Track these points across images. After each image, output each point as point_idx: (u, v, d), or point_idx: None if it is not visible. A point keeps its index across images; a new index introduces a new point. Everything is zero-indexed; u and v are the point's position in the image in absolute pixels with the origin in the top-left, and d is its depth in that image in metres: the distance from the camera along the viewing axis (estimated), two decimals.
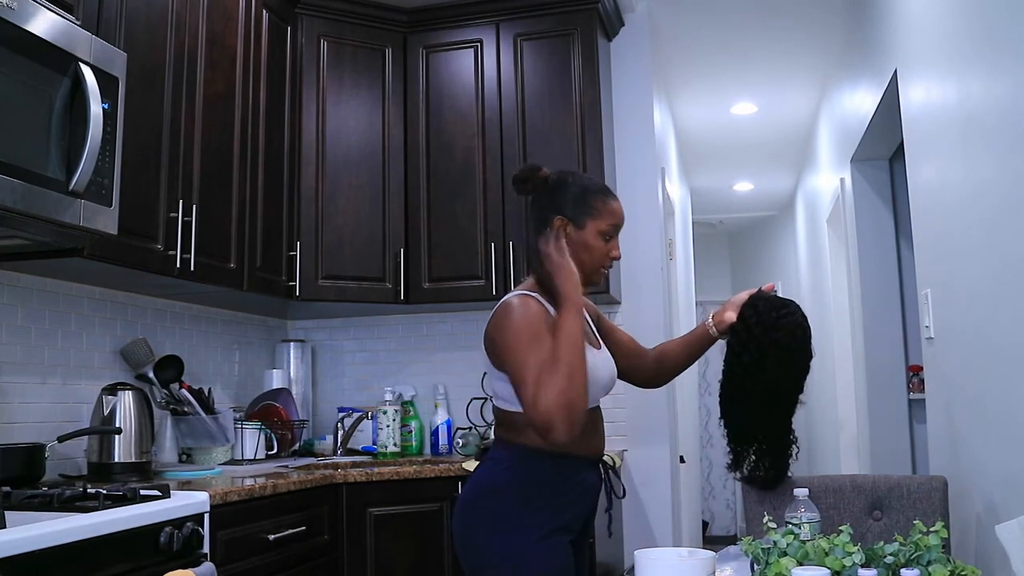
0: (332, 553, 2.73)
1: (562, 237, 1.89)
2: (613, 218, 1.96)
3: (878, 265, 4.10)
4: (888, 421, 4.02)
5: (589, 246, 1.94)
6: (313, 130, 3.33)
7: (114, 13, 2.32)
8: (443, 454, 3.53)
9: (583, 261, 1.93)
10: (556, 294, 1.84)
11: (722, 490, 7.84)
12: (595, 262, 1.95)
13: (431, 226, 3.44)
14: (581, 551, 2.01)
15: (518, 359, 1.76)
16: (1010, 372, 1.97)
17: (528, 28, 3.46)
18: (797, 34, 4.20)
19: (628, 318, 3.60)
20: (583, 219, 1.93)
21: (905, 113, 2.92)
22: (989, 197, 2.06)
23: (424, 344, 3.77)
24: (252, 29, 3.02)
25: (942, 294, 2.55)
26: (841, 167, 4.44)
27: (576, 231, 1.93)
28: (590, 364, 1.83)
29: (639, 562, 1.54)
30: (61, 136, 1.98)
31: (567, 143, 3.35)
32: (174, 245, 2.54)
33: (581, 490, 1.93)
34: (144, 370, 2.83)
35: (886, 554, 1.53)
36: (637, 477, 3.52)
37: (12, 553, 1.51)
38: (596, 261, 1.95)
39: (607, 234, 1.95)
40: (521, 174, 2.00)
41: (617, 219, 1.97)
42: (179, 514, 1.97)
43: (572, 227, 1.93)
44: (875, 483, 2.27)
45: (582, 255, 1.93)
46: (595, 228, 1.94)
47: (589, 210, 1.94)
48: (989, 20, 2.01)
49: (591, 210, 1.94)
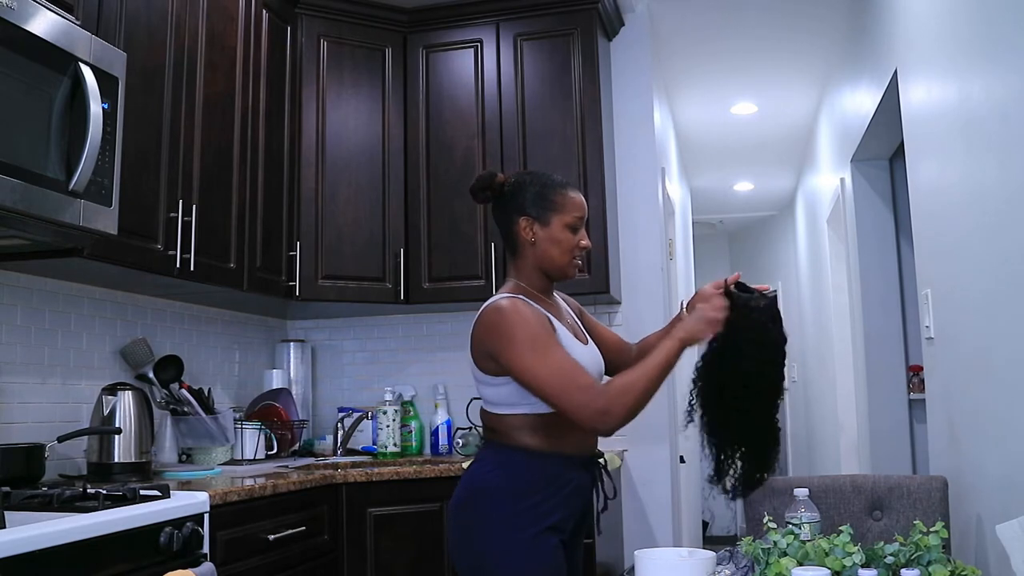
0: (332, 553, 2.73)
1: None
2: (576, 209, 1.98)
3: (878, 265, 4.10)
4: (888, 421, 4.02)
5: (557, 240, 1.97)
6: (313, 130, 3.33)
7: (114, 13, 2.32)
8: (443, 454, 3.53)
9: (554, 257, 1.97)
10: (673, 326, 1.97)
11: None
12: (566, 255, 1.98)
13: (431, 226, 3.44)
14: (574, 552, 2.00)
15: (538, 364, 1.79)
16: (1010, 372, 1.97)
17: (528, 28, 3.46)
18: (797, 34, 4.20)
19: (628, 318, 3.60)
20: (547, 215, 1.96)
21: (905, 113, 2.92)
22: (989, 197, 2.06)
23: (424, 344, 3.77)
24: (252, 29, 3.02)
25: (942, 294, 2.55)
26: (841, 167, 4.44)
27: (542, 228, 1.97)
28: (581, 359, 1.89)
29: (639, 562, 1.54)
30: (61, 136, 1.98)
31: (567, 143, 3.35)
32: (174, 245, 2.54)
33: (572, 490, 1.92)
34: (144, 370, 2.83)
35: (886, 554, 1.53)
36: (637, 477, 3.52)
37: (12, 553, 1.51)
38: (567, 254, 1.98)
39: (573, 226, 1.98)
40: (478, 184, 2.02)
41: (580, 210, 1.99)
42: (179, 514, 1.97)
43: (537, 225, 1.97)
44: (875, 483, 2.27)
45: (552, 251, 1.97)
46: (560, 222, 1.97)
47: (551, 205, 1.97)
48: (989, 20, 2.01)
49: (553, 205, 1.97)
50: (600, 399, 1.77)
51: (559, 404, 1.80)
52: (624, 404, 1.76)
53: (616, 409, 1.76)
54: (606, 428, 1.79)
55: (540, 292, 2.00)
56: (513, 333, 1.82)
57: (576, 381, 1.78)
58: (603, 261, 3.29)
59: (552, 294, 2.06)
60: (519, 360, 1.81)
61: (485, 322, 1.88)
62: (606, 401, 1.76)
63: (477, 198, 2.04)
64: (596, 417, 1.77)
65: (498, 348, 1.85)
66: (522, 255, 2.00)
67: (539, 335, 1.82)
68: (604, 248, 3.30)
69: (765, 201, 7.53)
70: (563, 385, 1.78)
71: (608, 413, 1.76)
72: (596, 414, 1.77)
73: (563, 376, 1.78)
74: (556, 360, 1.80)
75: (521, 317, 1.84)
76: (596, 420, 1.78)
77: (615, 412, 1.76)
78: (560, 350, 1.83)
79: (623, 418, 1.78)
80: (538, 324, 1.84)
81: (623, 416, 1.77)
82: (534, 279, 2.00)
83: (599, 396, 1.77)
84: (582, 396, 1.77)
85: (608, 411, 1.76)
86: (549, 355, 1.80)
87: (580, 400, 1.77)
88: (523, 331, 1.82)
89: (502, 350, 1.84)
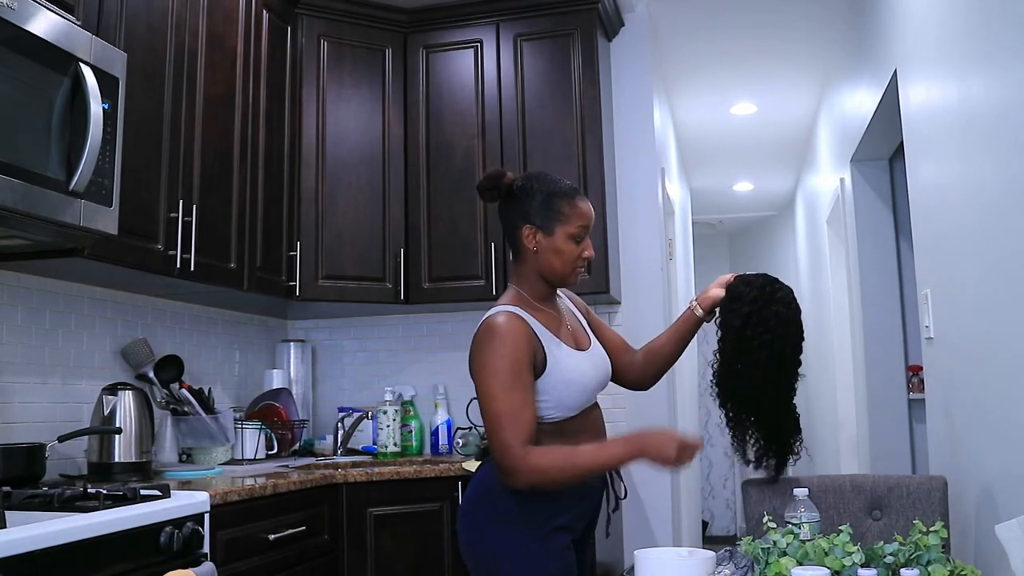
0: (332, 553, 2.73)
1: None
2: (581, 219, 1.96)
3: (878, 265, 4.09)
4: (888, 421, 4.02)
5: (560, 251, 1.95)
6: (313, 130, 3.33)
7: (114, 13, 2.32)
8: (443, 454, 3.53)
9: (555, 267, 1.96)
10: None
11: (722, 490, 7.84)
12: (568, 266, 1.97)
13: (431, 226, 3.44)
14: (584, 552, 2.01)
15: (491, 395, 1.82)
16: (1010, 372, 1.97)
17: (528, 28, 3.46)
18: (797, 34, 4.20)
19: (628, 318, 3.60)
20: (551, 225, 1.94)
21: (905, 113, 2.92)
22: (989, 197, 2.06)
23: (424, 344, 3.77)
24: (252, 29, 3.02)
25: (942, 294, 2.55)
26: (841, 167, 4.44)
27: (545, 238, 1.95)
28: (577, 370, 1.93)
29: (639, 562, 1.54)
30: (61, 136, 1.98)
31: (567, 143, 3.35)
32: (174, 245, 2.54)
33: (583, 491, 1.93)
34: (144, 370, 2.83)
35: (886, 554, 1.54)
36: (637, 477, 3.52)
37: (12, 553, 1.51)
38: (569, 264, 1.97)
39: (577, 236, 1.96)
40: (485, 182, 2.00)
41: (586, 220, 1.97)
42: (179, 514, 1.98)
43: (541, 235, 1.95)
44: (875, 483, 2.27)
45: (554, 261, 1.95)
46: (564, 232, 1.94)
47: (556, 215, 1.94)
48: (989, 20, 2.01)
49: (558, 215, 1.94)
50: (516, 460, 1.79)
51: (489, 439, 1.85)
52: (532, 479, 1.80)
53: (523, 477, 1.80)
54: (509, 483, 1.83)
55: (541, 299, 2.00)
56: (489, 357, 1.84)
57: (509, 429, 1.79)
58: (603, 261, 3.29)
59: (554, 299, 2.06)
60: (480, 384, 1.85)
61: (477, 337, 1.90)
62: (520, 464, 1.79)
63: (484, 197, 2.03)
64: (504, 471, 1.82)
65: (473, 363, 1.88)
66: (524, 261, 1.99)
67: (507, 368, 1.83)
68: (604, 248, 3.30)
69: (765, 201, 7.53)
70: (498, 426, 1.80)
71: (513, 475, 1.80)
72: (506, 469, 1.81)
73: (500, 419, 1.80)
74: (507, 400, 1.81)
75: (502, 344, 1.84)
76: (503, 473, 1.82)
77: (520, 479, 1.80)
78: (519, 392, 1.82)
79: (525, 485, 1.81)
80: (513, 357, 1.84)
81: (525, 484, 1.81)
82: (535, 286, 1.99)
83: (517, 458, 1.79)
84: (503, 445, 1.79)
85: (514, 473, 1.80)
86: (505, 392, 1.81)
87: (500, 448, 1.80)
88: (496, 360, 1.83)
89: (475, 366, 1.87)
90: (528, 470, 1.78)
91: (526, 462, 1.78)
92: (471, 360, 1.89)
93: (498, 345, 1.84)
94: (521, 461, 1.78)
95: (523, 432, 1.79)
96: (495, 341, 1.84)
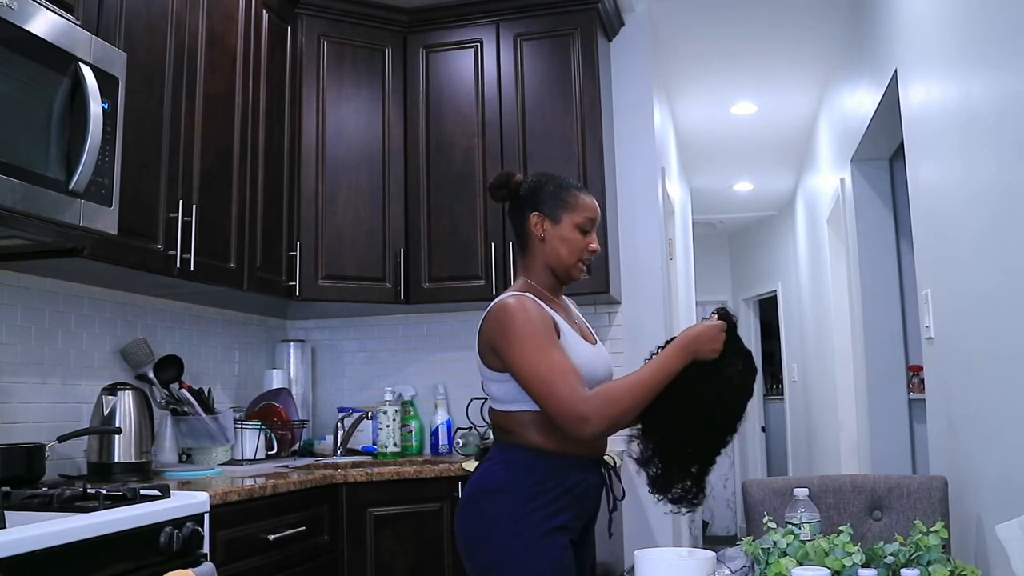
0: (332, 553, 2.73)
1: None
2: (587, 211, 2.00)
3: (878, 265, 4.10)
4: (888, 421, 4.02)
5: (566, 239, 1.98)
6: (313, 130, 3.33)
7: (114, 13, 2.32)
8: (443, 454, 3.53)
9: (562, 255, 1.99)
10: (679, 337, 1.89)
11: (722, 490, 7.84)
12: (573, 255, 1.99)
13: (431, 226, 3.44)
14: (583, 552, 2.01)
15: (532, 362, 1.80)
16: (1010, 372, 1.97)
17: (528, 28, 3.46)
18: (797, 34, 4.20)
19: (628, 318, 3.60)
20: (558, 213, 1.99)
21: (905, 113, 2.92)
22: (989, 197, 2.06)
23: (424, 344, 3.77)
24: (252, 29, 3.02)
25: (942, 294, 2.55)
26: (841, 167, 4.44)
27: (553, 225, 1.99)
28: (588, 359, 1.91)
29: (639, 562, 1.54)
30: (61, 136, 1.98)
31: (567, 143, 3.35)
32: (174, 245, 2.54)
33: (581, 490, 1.93)
34: (144, 370, 2.83)
35: (886, 554, 1.53)
36: (637, 477, 3.52)
37: (12, 553, 1.51)
38: (574, 254, 1.99)
39: (583, 227, 1.99)
40: (496, 181, 2.05)
41: (592, 212, 2.01)
42: (179, 514, 1.97)
43: (548, 222, 1.99)
44: (875, 483, 2.27)
45: (561, 249, 1.99)
46: (571, 221, 1.99)
47: (563, 204, 1.99)
48: (989, 20, 2.01)
49: (565, 204, 1.99)
50: (583, 405, 1.76)
51: (543, 403, 1.80)
52: (606, 416, 1.77)
53: (596, 419, 1.76)
54: (584, 435, 1.78)
55: (549, 291, 2.02)
56: (514, 328, 1.84)
57: (563, 383, 1.77)
58: (603, 261, 3.29)
59: (561, 296, 2.08)
60: (516, 355, 1.83)
61: (491, 318, 1.90)
62: (589, 408, 1.76)
63: (494, 196, 2.07)
64: (575, 423, 1.77)
65: (499, 342, 1.86)
66: (531, 252, 2.02)
67: (539, 333, 1.83)
68: (604, 248, 3.29)
69: (765, 201, 7.53)
70: (550, 385, 1.78)
71: (587, 421, 1.76)
72: (576, 420, 1.76)
73: (551, 376, 1.78)
74: (549, 360, 1.80)
75: (525, 314, 1.85)
76: (575, 426, 1.77)
77: (595, 421, 1.76)
78: (558, 351, 1.83)
79: (603, 429, 1.78)
80: (540, 322, 1.85)
81: (603, 427, 1.78)
82: (543, 278, 2.02)
83: (583, 402, 1.76)
84: (565, 399, 1.76)
85: (587, 419, 1.76)
86: (544, 354, 1.81)
87: (563, 403, 1.77)
88: (524, 327, 1.83)
89: (503, 344, 1.85)
90: (598, 409, 1.76)
91: (593, 403, 1.76)
92: (494, 342, 1.87)
93: (521, 316, 1.84)
94: (588, 403, 1.76)
95: (577, 380, 1.78)
96: (517, 314, 1.85)
